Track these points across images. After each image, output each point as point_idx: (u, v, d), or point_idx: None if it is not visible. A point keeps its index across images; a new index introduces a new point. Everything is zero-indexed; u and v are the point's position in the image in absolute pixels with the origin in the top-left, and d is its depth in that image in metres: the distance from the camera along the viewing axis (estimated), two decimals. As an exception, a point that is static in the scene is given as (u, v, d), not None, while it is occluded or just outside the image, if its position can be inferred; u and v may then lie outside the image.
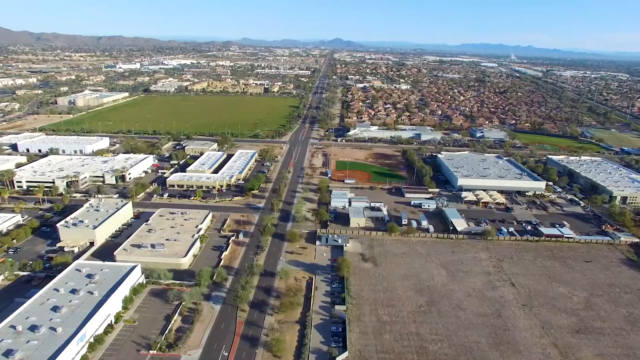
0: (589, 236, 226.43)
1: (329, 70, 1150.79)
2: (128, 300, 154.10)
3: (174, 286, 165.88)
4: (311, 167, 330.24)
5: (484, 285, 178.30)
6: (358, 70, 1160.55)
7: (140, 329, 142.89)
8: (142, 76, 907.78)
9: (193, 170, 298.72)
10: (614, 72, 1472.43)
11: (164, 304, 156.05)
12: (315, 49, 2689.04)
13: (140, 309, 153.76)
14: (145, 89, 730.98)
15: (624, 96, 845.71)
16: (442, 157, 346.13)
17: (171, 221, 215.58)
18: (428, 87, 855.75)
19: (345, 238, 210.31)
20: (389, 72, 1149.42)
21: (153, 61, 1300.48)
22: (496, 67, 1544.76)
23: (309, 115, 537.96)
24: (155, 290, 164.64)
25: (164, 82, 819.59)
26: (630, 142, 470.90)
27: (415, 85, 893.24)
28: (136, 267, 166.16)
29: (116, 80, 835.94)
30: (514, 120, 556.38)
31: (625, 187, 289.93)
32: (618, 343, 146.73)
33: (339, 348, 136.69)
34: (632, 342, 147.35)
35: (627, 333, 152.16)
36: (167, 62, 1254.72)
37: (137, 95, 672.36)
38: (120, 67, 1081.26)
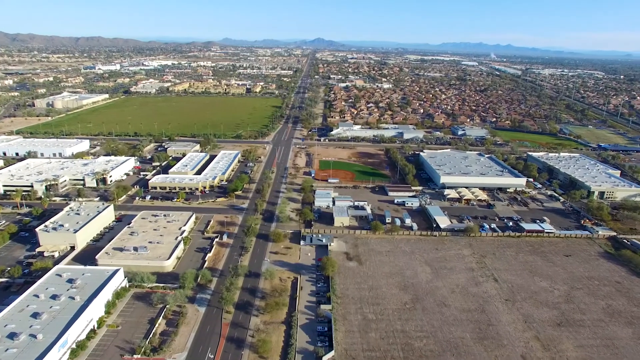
0: (569, 231, 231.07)
1: (311, 70, 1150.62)
2: (111, 304, 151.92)
3: (157, 289, 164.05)
4: (294, 167, 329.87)
5: (467, 281, 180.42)
6: (340, 70, 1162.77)
7: (124, 334, 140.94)
8: (123, 77, 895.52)
9: (175, 171, 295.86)
10: (591, 70, 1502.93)
11: (147, 308, 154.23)
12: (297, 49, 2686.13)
13: (124, 313, 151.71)
14: (126, 90, 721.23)
15: (600, 93, 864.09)
16: (425, 155, 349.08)
17: (154, 223, 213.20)
18: (410, 86, 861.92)
19: (330, 237, 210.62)
20: (371, 72, 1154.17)
21: (133, 62, 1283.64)
22: (477, 66, 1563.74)
23: (292, 115, 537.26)
24: (139, 293, 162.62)
25: (145, 83, 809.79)
26: (606, 138, 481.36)
27: (397, 84, 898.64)
28: (119, 270, 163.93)
29: (96, 82, 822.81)
30: (495, 118, 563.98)
31: (603, 182, 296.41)
32: (597, 334, 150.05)
33: (325, 347, 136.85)
34: (610, 333, 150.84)
35: (605, 324, 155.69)
36: (147, 63, 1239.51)
37: (117, 96, 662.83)
38: (99, 68, 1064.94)
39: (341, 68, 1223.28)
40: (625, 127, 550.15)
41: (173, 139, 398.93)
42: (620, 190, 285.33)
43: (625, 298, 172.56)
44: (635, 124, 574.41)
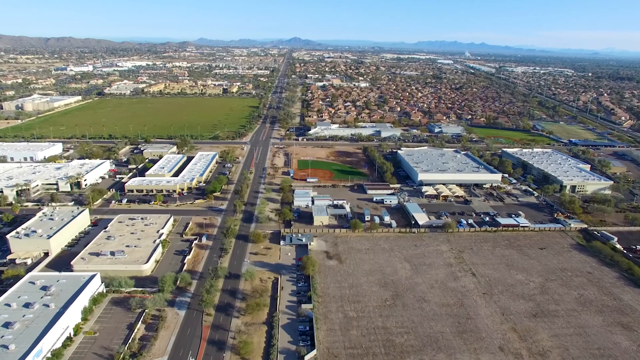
0: (543, 224, 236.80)
1: (288, 70, 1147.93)
2: (87, 310, 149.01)
3: (136, 294, 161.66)
4: (273, 167, 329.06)
5: (446, 276, 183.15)
6: (317, 69, 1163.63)
7: (102, 340, 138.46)
8: (96, 79, 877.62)
9: (152, 174, 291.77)
10: (561, 68, 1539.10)
11: (126, 313, 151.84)
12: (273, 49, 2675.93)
13: (101, 319, 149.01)
14: (99, 92, 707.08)
15: (570, 91, 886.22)
16: (402, 153, 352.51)
17: (131, 227, 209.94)
18: (387, 85, 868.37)
19: (310, 237, 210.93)
20: (347, 71, 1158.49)
21: (106, 63, 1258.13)
22: (452, 64, 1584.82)
23: (269, 115, 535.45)
24: (117, 299, 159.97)
25: (119, 84, 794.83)
26: (577, 133, 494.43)
27: (374, 82, 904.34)
28: (95, 276, 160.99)
29: (67, 84, 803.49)
30: (470, 115, 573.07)
31: (574, 176, 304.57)
32: (571, 323, 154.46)
33: (307, 347, 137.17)
34: (583, 322, 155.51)
35: (578, 313, 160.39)
36: (121, 64, 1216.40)
37: (90, 98, 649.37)
38: (71, 69, 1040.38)
39: (318, 67, 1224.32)
40: (594, 123, 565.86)
41: (149, 141, 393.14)
42: (590, 184, 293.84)
43: (596, 287, 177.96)
44: (603, 119, 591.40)
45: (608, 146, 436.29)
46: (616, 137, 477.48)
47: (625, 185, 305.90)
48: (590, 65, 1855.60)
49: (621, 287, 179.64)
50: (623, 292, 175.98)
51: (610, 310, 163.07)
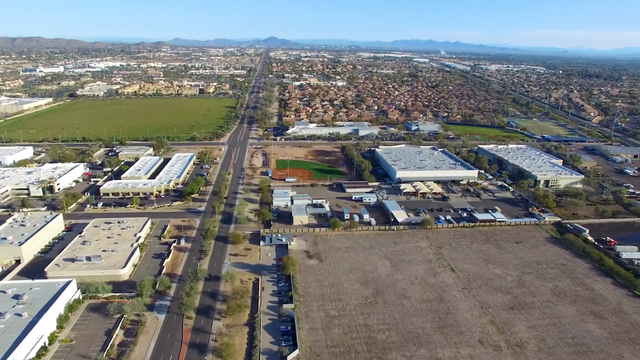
0: (518, 219, 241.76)
1: (265, 69, 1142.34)
2: (63, 318, 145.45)
3: (113, 299, 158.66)
4: (251, 168, 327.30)
5: (426, 272, 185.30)
6: (294, 69, 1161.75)
7: (79, 348, 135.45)
8: (67, 80, 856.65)
9: (128, 176, 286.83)
10: (533, 66, 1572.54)
11: (103, 319, 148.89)
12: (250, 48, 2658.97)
13: (78, 326, 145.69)
14: (72, 93, 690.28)
15: (542, 88, 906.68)
16: (380, 151, 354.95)
17: (107, 231, 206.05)
18: (364, 83, 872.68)
19: (289, 236, 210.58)
20: (324, 70, 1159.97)
21: (78, 64, 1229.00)
22: (428, 63, 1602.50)
23: (247, 115, 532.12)
24: (94, 305, 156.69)
25: (92, 85, 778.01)
26: (549, 129, 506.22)
27: (351, 81, 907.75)
28: (71, 282, 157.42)
29: (37, 85, 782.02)
30: (446, 112, 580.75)
31: (547, 171, 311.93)
32: (546, 314, 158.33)
33: (289, 347, 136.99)
34: (558, 312, 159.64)
35: (553, 304, 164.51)
36: (94, 65, 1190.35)
37: (62, 100, 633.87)
38: (41, 70, 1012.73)
39: (295, 67, 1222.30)
40: (565, 119, 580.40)
41: (124, 143, 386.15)
42: (563, 178, 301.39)
43: (569, 279, 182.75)
44: (574, 115, 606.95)
45: (579, 141, 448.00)
46: (586, 133, 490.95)
47: (595, 179, 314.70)
48: (560, 63, 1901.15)
49: (593, 277, 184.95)
50: (595, 282, 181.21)
51: (583, 300, 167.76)
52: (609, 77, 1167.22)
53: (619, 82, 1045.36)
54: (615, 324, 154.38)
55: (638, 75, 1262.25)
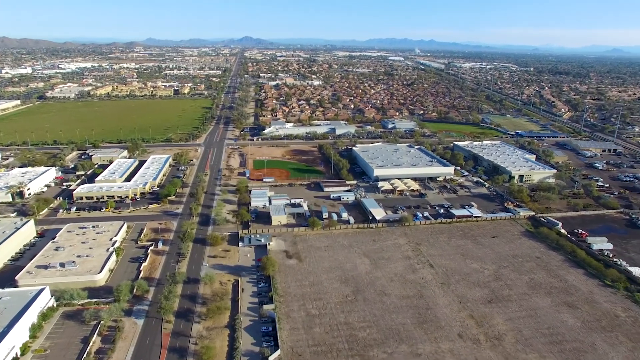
0: (494, 214, 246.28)
1: (240, 69, 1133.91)
2: (36, 327, 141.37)
3: (90, 305, 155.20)
4: (228, 168, 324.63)
5: (405, 269, 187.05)
6: (270, 68, 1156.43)
7: (53, 357, 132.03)
8: (36, 82, 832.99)
9: (103, 180, 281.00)
10: (505, 64, 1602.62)
11: (79, 326, 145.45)
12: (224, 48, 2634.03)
13: (52, 335, 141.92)
14: (41, 95, 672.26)
15: (515, 85, 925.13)
16: (357, 150, 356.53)
17: (82, 236, 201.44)
18: (340, 82, 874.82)
19: (268, 237, 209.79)
20: (300, 69, 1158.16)
21: (47, 65, 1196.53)
22: (403, 61, 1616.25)
23: (223, 116, 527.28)
24: (69, 312, 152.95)
25: (63, 87, 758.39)
26: (522, 125, 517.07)
27: (327, 80, 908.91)
28: (44, 290, 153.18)
29: (4, 87, 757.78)
30: (422, 110, 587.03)
31: (521, 166, 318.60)
32: (523, 307, 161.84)
33: (270, 347, 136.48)
34: (533, 304, 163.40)
35: (529, 297, 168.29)
36: (64, 66, 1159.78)
37: (31, 102, 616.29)
38: (7, 72, 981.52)
39: (271, 66, 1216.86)
40: (537, 115, 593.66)
41: (98, 145, 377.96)
42: (536, 173, 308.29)
43: (544, 271, 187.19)
44: (546, 112, 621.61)
45: (551, 137, 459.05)
46: (557, 128, 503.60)
47: (567, 173, 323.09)
48: (532, 60, 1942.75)
49: (566, 269, 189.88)
50: (568, 273, 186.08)
51: (558, 292, 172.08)
52: (578, 74, 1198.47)
53: (587, 79, 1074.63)
54: (587, 313, 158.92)
55: (604, 72, 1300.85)
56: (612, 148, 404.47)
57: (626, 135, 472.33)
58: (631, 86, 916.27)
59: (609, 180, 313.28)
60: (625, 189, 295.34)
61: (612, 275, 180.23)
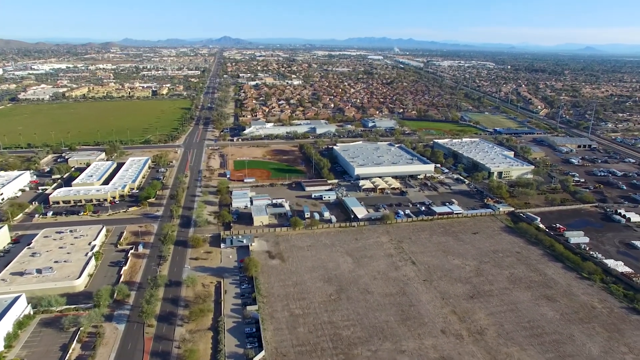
0: (475, 210, 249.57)
1: (219, 69, 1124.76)
2: (12, 336, 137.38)
3: (68, 312, 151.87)
4: (209, 169, 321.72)
5: (387, 266, 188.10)
6: (249, 68, 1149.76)
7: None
8: (7, 83, 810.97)
9: (80, 183, 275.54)
10: (483, 62, 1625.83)
11: (58, 334, 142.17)
12: (203, 48, 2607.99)
13: (29, 343, 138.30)
14: (13, 97, 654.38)
15: (493, 82, 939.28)
16: (338, 149, 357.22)
17: (59, 241, 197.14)
18: (319, 82, 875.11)
19: (250, 237, 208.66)
20: (280, 69, 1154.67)
21: (19, 66, 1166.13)
22: (382, 60, 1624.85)
23: (202, 117, 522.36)
24: (46, 319, 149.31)
25: (36, 89, 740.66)
26: (500, 123, 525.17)
27: (306, 80, 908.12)
28: (20, 297, 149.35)
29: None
30: (402, 109, 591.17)
31: (500, 163, 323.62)
32: (504, 301, 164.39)
33: (255, 348, 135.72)
34: (514, 299, 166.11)
35: (510, 291, 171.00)
36: (37, 67, 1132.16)
37: (2, 105, 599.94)
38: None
39: (250, 66, 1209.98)
40: (515, 112, 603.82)
41: (74, 148, 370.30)
42: (514, 169, 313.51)
43: (524, 266, 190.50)
44: (523, 109, 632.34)
45: (528, 133, 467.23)
46: (534, 125, 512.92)
47: (544, 169, 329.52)
48: (508, 58, 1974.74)
49: (545, 263, 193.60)
50: (547, 267, 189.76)
51: (537, 285, 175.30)
52: (553, 71, 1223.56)
53: (562, 76, 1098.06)
54: (566, 305, 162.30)
55: (578, 70, 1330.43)
56: (587, 144, 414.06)
57: (600, 131, 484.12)
58: (604, 83, 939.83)
59: (585, 175, 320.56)
60: (600, 183, 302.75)
61: (588, 268, 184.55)
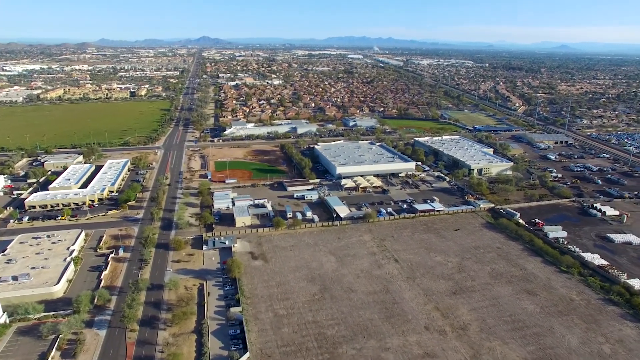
0: (456, 207, 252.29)
1: (198, 70, 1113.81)
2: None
3: (47, 319, 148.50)
4: (190, 171, 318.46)
5: (370, 265, 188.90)
6: (229, 68, 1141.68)
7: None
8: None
9: (57, 187, 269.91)
10: (462, 60, 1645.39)
11: (36, 342, 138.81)
12: (182, 48, 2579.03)
13: (5, 353, 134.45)
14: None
15: (471, 80, 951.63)
16: (320, 148, 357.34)
17: (36, 247, 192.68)
18: (300, 81, 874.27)
19: (233, 239, 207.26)
20: (260, 68, 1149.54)
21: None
22: (362, 59, 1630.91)
23: (182, 118, 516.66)
24: (23, 328, 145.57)
25: (9, 91, 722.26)
26: (480, 120, 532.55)
27: (287, 79, 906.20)
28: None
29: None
30: (382, 107, 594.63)
31: (480, 160, 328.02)
32: (486, 296, 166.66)
33: (239, 350, 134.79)
34: (496, 294, 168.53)
35: (491, 286, 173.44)
36: (9, 68, 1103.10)
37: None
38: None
39: (230, 66, 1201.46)
40: (493, 110, 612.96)
41: (50, 151, 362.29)
42: (494, 166, 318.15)
43: (505, 261, 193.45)
44: (501, 106, 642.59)
45: (507, 130, 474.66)
46: (513, 122, 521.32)
47: (523, 165, 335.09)
48: (486, 56, 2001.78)
49: (525, 257, 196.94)
50: (527, 262, 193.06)
51: (518, 280, 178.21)
52: (530, 69, 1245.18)
53: (539, 74, 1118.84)
54: (546, 299, 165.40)
55: (554, 67, 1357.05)
56: (563, 140, 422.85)
57: (576, 127, 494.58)
58: (579, 80, 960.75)
59: (562, 171, 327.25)
60: (577, 178, 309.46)
61: (567, 262, 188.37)
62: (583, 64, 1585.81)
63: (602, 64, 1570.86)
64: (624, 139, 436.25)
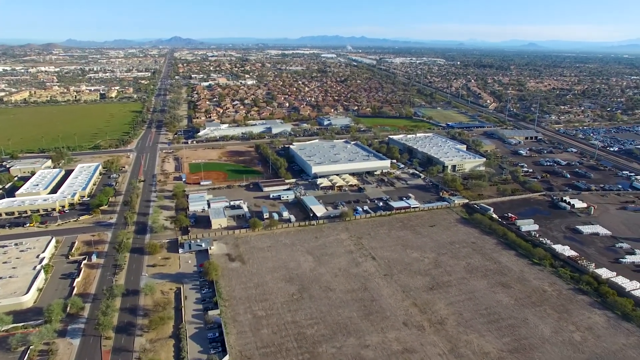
0: (431, 203, 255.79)
1: (170, 71, 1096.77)
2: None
3: (16, 330, 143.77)
4: (163, 173, 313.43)
5: (348, 263, 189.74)
6: (201, 69, 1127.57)
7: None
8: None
9: (25, 193, 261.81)
10: (434, 58, 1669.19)
11: (5, 355, 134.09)
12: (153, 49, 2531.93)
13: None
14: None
15: (444, 78, 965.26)
16: (295, 148, 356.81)
17: (2, 256, 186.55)
18: (273, 81, 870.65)
19: (209, 241, 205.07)
20: (233, 69, 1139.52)
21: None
22: (335, 58, 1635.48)
23: (155, 119, 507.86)
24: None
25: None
26: (452, 117, 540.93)
27: (260, 79, 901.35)
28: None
29: None
30: (357, 106, 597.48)
31: (454, 156, 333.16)
32: (462, 290, 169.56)
33: (219, 353, 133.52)
34: (471, 287, 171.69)
35: (467, 280, 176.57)
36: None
37: None
38: None
39: (202, 67, 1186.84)
40: (465, 107, 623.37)
41: (16, 156, 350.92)
42: (467, 162, 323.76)
43: (479, 255, 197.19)
44: (473, 103, 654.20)
45: (479, 127, 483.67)
46: (484, 119, 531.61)
47: (495, 160, 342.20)
48: (458, 54, 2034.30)
49: (499, 251, 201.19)
50: (501, 255, 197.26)
51: (493, 273, 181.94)
52: (500, 67, 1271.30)
53: (509, 71, 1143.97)
54: (519, 291, 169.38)
55: (523, 65, 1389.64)
56: (533, 135, 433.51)
57: (544, 123, 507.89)
58: (546, 77, 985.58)
59: (532, 166, 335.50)
60: (547, 172, 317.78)
61: (539, 254, 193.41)
62: (550, 61, 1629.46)
63: (567, 62, 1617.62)
64: (590, 134, 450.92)
